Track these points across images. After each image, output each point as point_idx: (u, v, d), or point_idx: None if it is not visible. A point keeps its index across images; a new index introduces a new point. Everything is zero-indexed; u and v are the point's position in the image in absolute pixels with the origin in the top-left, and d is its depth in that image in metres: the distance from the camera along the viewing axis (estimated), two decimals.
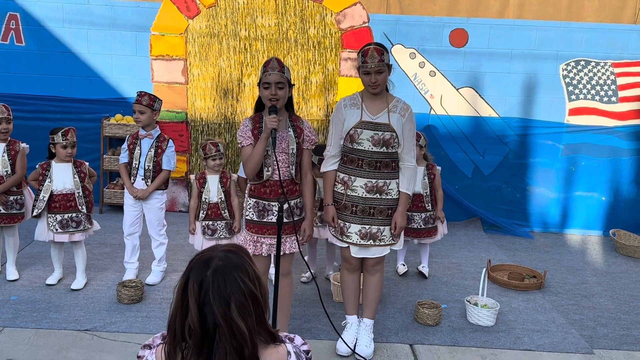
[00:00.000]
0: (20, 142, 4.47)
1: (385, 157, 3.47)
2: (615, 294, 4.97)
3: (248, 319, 1.57)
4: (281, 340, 1.72)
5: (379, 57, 3.34)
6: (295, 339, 1.77)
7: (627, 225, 6.48)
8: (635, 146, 6.50)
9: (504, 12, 7.71)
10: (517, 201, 6.64)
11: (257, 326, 1.62)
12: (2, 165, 4.36)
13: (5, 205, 4.37)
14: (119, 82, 6.36)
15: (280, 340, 1.71)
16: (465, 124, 6.47)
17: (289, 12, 6.19)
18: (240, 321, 1.55)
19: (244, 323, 1.56)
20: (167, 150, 4.38)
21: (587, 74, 6.37)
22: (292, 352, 1.70)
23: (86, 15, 6.26)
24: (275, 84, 3.27)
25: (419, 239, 4.97)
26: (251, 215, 3.43)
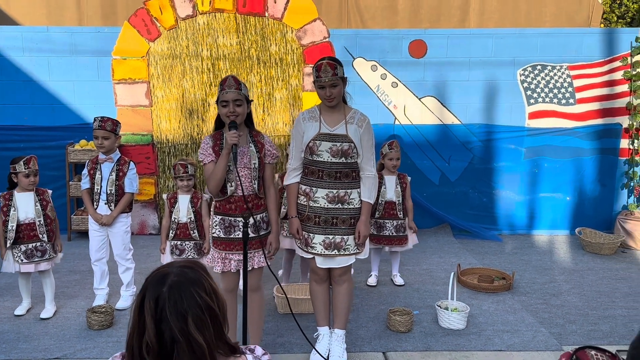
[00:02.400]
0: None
1: (344, 168, 3.52)
2: (582, 291, 5.07)
3: (206, 333, 1.58)
4: (241, 352, 1.73)
5: (332, 71, 3.40)
6: (256, 350, 1.79)
7: (593, 223, 6.63)
8: (595, 145, 6.67)
9: (465, 21, 7.93)
10: (485, 205, 6.75)
11: (216, 340, 1.63)
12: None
13: None
14: (82, 108, 6.34)
15: (240, 352, 1.72)
16: (429, 132, 6.58)
17: (249, 30, 6.26)
18: (199, 335, 1.56)
19: (202, 337, 1.57)
20: (129, 172, 4.36)
21: (544, 77, 6.53)
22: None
23: (46, 43, 6.25)
24: (233, 102, 3.30)
25: (390, 246, 5.03)
26: (218, 233, 3.45)
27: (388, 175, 5.03)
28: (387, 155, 4.98)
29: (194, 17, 6.21)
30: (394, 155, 4.95)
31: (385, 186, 5.01)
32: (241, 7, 6.21)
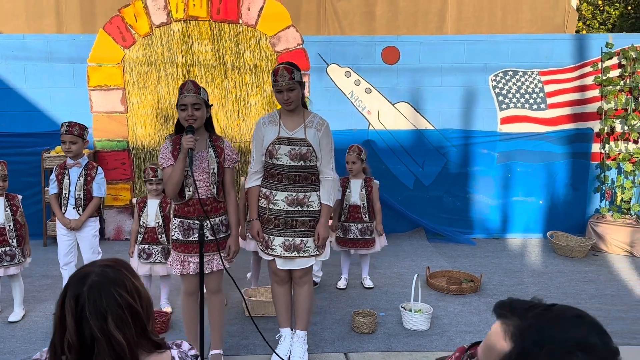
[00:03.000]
0: None
1: (303, 171, 3.59)
2: (549, 292, 5.14)
3: (127, 331, 1.62)
4: (167, 347, 1.78)
5: (289, 76, 3.47)
6: (183, 345, 1.84)
7: (565, 226, 6.71)
8: (567, 150, 6.76)
9: (443, 28, 8.03)
10: (458, 209, 6.82)
11: (139, 337, 1.67)
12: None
13: None
14: (58, 115, 6.38)
15: (165, 347, 1.77)
16: (403, 138, 6.66)
17: (224, 37, 6.33)
18: (118, 334, 1.60)
19: (122, 335, 1.61)
20: (97, 177, 4.41)
21: (515, 83, 6.63)
22: (177, 357, 1.76)
23: (22, 51, 6.30)
24: (191, 106, 3.37)
25: (355, 249, 5.09)
26: (177, 235, 3.50)
27: (353, 179, 5.10)
28: (346, 158, 5.07)
29: (169, 24, 6.28)
30: (349, 159, 5.03)
31: (350, 190, 5.08)
32: (215, 15, 6.29)
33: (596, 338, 1.07)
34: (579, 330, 1.09)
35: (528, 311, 1.15)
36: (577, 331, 1.09)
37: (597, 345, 1.06)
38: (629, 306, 4.82)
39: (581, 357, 1.04)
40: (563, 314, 1.13)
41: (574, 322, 1.11)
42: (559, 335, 1.08)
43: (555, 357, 1.05)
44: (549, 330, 1.09)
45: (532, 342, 1.09)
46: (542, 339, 1.08)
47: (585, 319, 1.12)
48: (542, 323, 1.11)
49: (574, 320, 1.11)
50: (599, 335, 1.08)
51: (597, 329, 1.10)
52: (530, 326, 1.12)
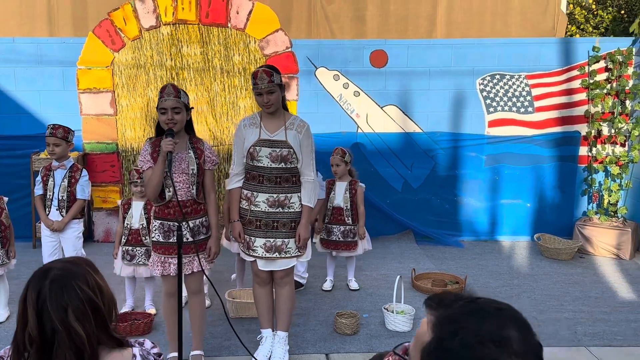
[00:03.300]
0: None
1: (284, 173, 3.62)
2: (533, 294, 5.17)
3: (86, 324, 1.66)
4: (129, 345, 1.81)
5: (268, 79, 3.51)
6: (145, 343, 1.87)
7: (553, 229, 6.74)
8: (554, 153, 6.80)
9: (433, 32, 8.07)
10: (447, 212, 6.86)
11: (99, 332, 1.70)
12: None
13: None
14: (48, 117, 6.40)
15: (128, 345, 1.80)
16: (392, 141, 6.69)
17: (212, 40, 6.37)
18: (78, 326, 1.64)
19: (81, 327, 1.64)
20: (81, 179, 4.44)
21: (502, 86, 6.67)
22: (138, 355, 1.78)
23: (12, 54, 6.34)
24: (171, 109, 3.40)
25: (337, 251, 5.13)
26: (157, 237, 3.53)
27: (338, 182, 5.13)
28: (330, 161, 5.11)
29: (158, 27, 6.32)
30: (333, 161, 5.07)
31: (334, 192, 5.11)
32: (204, 18, 6.32)
33: (513, 331, 1.10)
34: (496, 323, 1.11)
35: (453, 303, 1.17)
36: (493, 323, 1.11)
37: (511, 339, 1.09)
38: (612, 308, 4.85)
39: (493, 348, 1.07)
40: (484, 306, 1.15)
41: (492, 314, 1.13)
42: (474, 326, 1.11)
43: (467, 347, 1.07)
44: (466, 321, 1.12)
45: (448, 332, 1.12)
46: (457, 329, 1.11)
47: (504, 312, 1.14)
48: (460, 314, 1.14)
49: (493, 313, 1.14)
50: (517, 329, 1.11)
51: (516, 322, 1.13)
52: (448, 316, 1.14)
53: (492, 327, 1.11)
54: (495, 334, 1.09)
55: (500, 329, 1.10)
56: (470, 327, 1.11)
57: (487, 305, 1.16)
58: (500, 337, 1.08)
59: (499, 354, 1.06)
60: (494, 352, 1.06)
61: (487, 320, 1.12)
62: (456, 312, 1.15)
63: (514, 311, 1.16)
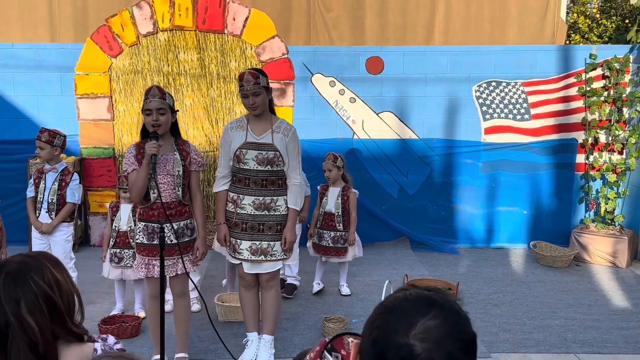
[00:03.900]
0: None
1: (270, 175, 3.63)
2: (526, 301, 5.14)
3: (39, 317, 1.67)
4: (92, 340, 1.82)
5: (254, 81, 3.53)
6: (109, 339, 1.88)
7: (550, 236, 6.71)
8: (551, 160, 6.78)
9: (430, 40, 8.09)
10: (443, 219, 6.84)
11: (55, 326, 1.71)
12: None
13: None
14: (46, 122, 6.42)
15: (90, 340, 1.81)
16: (387, 147, 6.70)
17: (209, 47, 6.41)
18: (30, 318, 1.65)
19: (33, 320, 1.65)
20: (71, 183, 4.46)
21: (498, 94, 6.67)
22: (100, 349, 1.79)
23: (11, 59, 6.40)
24: (156, 110, 3.42)
25: (327, 256, 5.12)
26: (141, 239, 3.54)
27: (331, 187, 5.13)
28: (323, 166, 5.11)
29: (155, 34, 6.37)
30: (325, 166, 5.07)
31: (327, 197, 5.12)
32: (201, 24, 6.37)
33: (431, 320, 1.12)
34: (414, 311, 1.13)
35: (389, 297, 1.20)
36: (410, 312, 1.13)
37: (427, 326, 1.11)
38: (604, 316, 4.81)
39: (404, 336, 1.09)
40: (408, 297, 1.18)
41: (412, 303, 1.15)
42: (390, 317, 1.13)
43: (382, 333, 1.10)
44: (388, 311, 1.14)
45: (370, 322, 1.14)
46: (375, 320, 1.13)
47: (425, 301, 1.15)
48: (387, 305, 1.16)
49: (414, 301, 1.16)
50: (439, 316, 1.13)
51: (439, 310, 1.14)
52: (376, 309, 1.17)
53: (408, 315, 1.12)
54: (409, 321, 1.11)
55: (415, 315, 1.12)
56: (387, 318, 1.13)
57: (417, 295, 1.17)
58: (412, 323, 1.11)
59: (408, 339, 1.09)
60: (403, 338, 1.09)
61: (405, 310, 1.13)
62: (383, 302, 1.17)
63: (443, 301, 1.17)
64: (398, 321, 1.13)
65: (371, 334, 1.16)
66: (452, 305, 1.17)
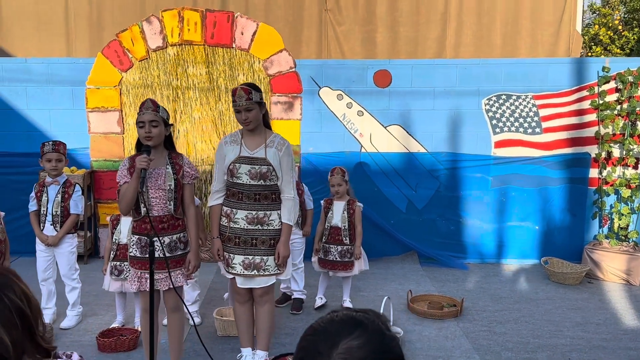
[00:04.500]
0: None
1: (264, 190, 3.62)
2: (532, 319, 5.02)
3: (13, 332, 1.68)
4: (57, 356, 1.82)
5: (247, 96, 3.53)
6: (73, 356, 1.88)
7: (563, 252, 6.57)
8: (564, 175, 6.65)
9: (442, 54, 8.07)
10: (452, 233, 6.75)
11: (25, 340, 1.72)
12: None
13: None
14: (57, 135, 6.55)
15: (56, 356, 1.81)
16: (395, 160, 6.65)
17: (217, 61, 6.46)
18: (4, 334, 1.66)
19: (8, 335, 1.66)
20: (74, 195, 4.52)
21: (509, 107, 6.58)
22: None
23: (24, 73, 6.53)
24: (149, 123, 3.45)
25: (334, 271, 5.08)
26: (134, 252, 3.55)
27: (336, 201, 5.10)
28: (330, 181, 5.07)
29: (165, 48, 6.44)
30: (334, 181, 5.03)
31: (332, 211, 5.08)
32: (209, 39, 6.43)
33: (355, 340, 1.10)
34: (336, 332, 1.12)
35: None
36: (332, 333, 1.13)
37: (349, 346, 1.09)
38: (612, 335, 4.68)
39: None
40: (333, 317, 1.17)
41: (336, 324, 1.15)
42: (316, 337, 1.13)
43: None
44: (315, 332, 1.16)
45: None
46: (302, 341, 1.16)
47: (350, 321, 1.14)
48: (315, 327, 1.18)
49: (339, 322, 1.15)
50: (363, 337, 1.11)
51: (364, 331, 1.12)
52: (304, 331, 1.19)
53: (331, 336, 1.12)
54: (332, 342, 1.10)
55: (339, 336, 1.11)
56: (312, 339, 1.12)
57: (343, 316, 1.16)
58: (335, 343, 1.10)
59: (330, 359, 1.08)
60: (325, 359, 1.09)
61: (328, 331, 1.13)
62: (312, 324, 1.17)
63: (368, 322, 1.15)
64: (321, 342, 1.12)
65: (297, 354, 1.15)
66: (378, 326, 1.15)
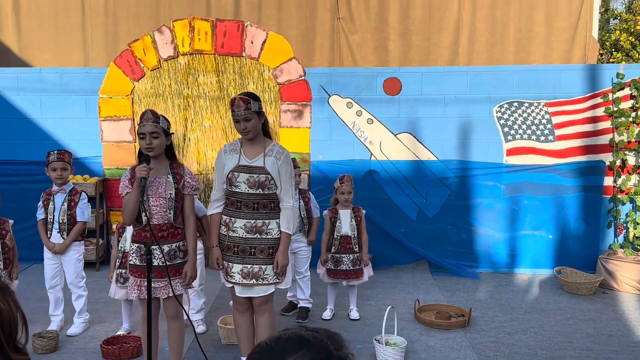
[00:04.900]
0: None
1: (262, 199, 3.62)
2: (542, 330, 4.94)
3: None
4: None
5: (245, 106, 3.54)
6: None
7: (577, 262, 6.46)
8: (578, 183, 6.55)
9: (455, 62, 8.01)
10: (464, 242, 6.68)
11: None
12: None
13: None
14: (71, 143, 6.66)
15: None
16: (406, 168, 6.61)
17: (228, 69, 6.50)
18: None
19: None
20: (80, 202, 4.57)
21: (521, 114, 6.50)
22: None
23: (39, 83, 6.65)
24: (149, 134, 3.48)
25: (347, 280, 5.05)
26: (134, 260, 3.58)
27: (342, 210, 5.08)
28: (339, 189, 5.05)
29: (176, 57, 6.51)
30: (345, 189, 5.01)
31: (340, 221, 5.06)
32: (220, 48, 6.47)
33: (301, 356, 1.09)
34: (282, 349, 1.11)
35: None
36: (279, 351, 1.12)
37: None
38: (624, 347, 4.57)
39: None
40: (281, 335, 1.16)
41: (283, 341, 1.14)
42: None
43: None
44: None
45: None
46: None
47: (298, 339, 1.13)
48: (260, 343, 1.17)
49: (286, 340, 1.14)
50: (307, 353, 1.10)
51: (308, 348, 1.11)
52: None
53: (276, 355, 1.11)
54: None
55: (283, 354, 1.10)
56: (258, 357, 1.13)
57: (290, 334, 1.15)
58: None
59: None
60: None
61: (274, 349, 1.13)
62: (259, 342, 1.18)
63: (315, 340, 1.13)
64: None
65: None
66: (325, 345, 1.13)
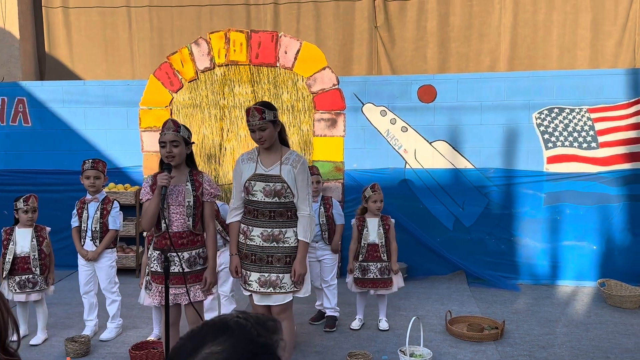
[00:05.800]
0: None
1: (278, 207, 3.63)
2: (579, 344, 4.74)
3: None
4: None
5: (260, 116, 3.56)
6: None
7: (622, 274, 6.17)
8: (623, 192, 6.27)
9: (496, 68, 7.85)
10: (503, 253, 6.49)
11: None
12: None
13: None
14: (112, 154, 6.88)
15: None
16: (441, 177, 6.50)
17: (262, 80, 6.58)
18: None
19: None
20: (112, 211, 4.70)
21: (562, 121, 6.30)
22: None
23: (83, 96, 6.90)
24: (170, 143, 3.55)
25: (375, 289, 5.00)
26: (155, 267, 3.65)
27: (370, 218, 5.04)
28: (371, 197, 5.01)
29: (212, 69, 6.63)
30: (377, 198, 4.97)
31: (367, 229, 5.02)
32: (254, 59, 6.56)
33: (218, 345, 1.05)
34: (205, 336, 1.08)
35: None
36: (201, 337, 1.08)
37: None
38: None
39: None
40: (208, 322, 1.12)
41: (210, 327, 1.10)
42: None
43: None
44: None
45: None
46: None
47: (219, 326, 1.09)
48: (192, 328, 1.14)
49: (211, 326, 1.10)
50: (228, 339, 1.06)
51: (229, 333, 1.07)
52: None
53: (196, 341, 1.07)
54: (194, 347, 1.05)
55: (202, 341, 1.06)
56: (181, 343, 1.10)
57: (218, 320, 1.11)
58: (196, 349, 1.05)
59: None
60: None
61: (196, 335, 1.08)
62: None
63: (238, 327, 1.08)
64: (186, 347, 1.07)
65: (168, 356, 1.12)
66: (248, 332, 1.07)
